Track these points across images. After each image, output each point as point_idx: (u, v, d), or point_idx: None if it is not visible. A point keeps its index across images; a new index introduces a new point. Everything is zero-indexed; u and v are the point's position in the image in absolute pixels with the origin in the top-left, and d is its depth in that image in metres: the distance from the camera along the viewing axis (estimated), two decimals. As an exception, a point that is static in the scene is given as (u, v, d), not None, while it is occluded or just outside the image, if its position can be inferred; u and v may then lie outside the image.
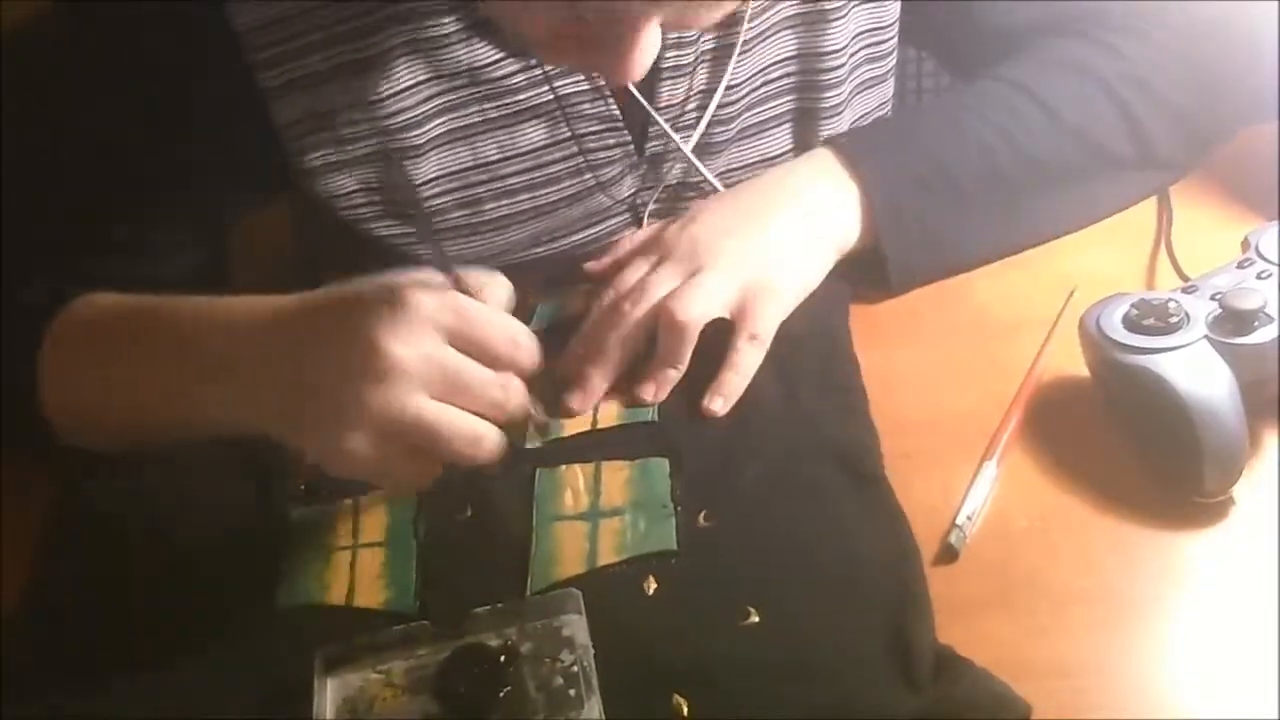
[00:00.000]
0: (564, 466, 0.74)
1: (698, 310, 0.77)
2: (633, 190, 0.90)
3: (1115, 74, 0.87)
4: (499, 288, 0.69)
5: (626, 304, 0.79)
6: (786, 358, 0.79)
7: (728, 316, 0.78)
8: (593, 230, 0.91)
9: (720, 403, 0.77)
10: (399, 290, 0.65)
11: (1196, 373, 0.67)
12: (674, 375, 0.78)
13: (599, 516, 0.71)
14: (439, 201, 0.86)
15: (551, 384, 0.78)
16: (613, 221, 0.91)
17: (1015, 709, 0.59)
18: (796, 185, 0.84)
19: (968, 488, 0.70)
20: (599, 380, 0.78)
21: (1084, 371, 0.75)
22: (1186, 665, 0.62)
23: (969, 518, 0.68)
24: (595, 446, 0.75)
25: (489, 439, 0.66)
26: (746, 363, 0.78)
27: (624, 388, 0.79)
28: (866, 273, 0.84)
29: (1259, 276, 0.71)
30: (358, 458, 0.63)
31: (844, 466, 0.71)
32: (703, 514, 0.70)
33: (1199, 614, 0.64)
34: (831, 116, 0.92)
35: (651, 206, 0.91)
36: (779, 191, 0.84)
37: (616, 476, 0.73)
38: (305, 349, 0.66)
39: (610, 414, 0.77)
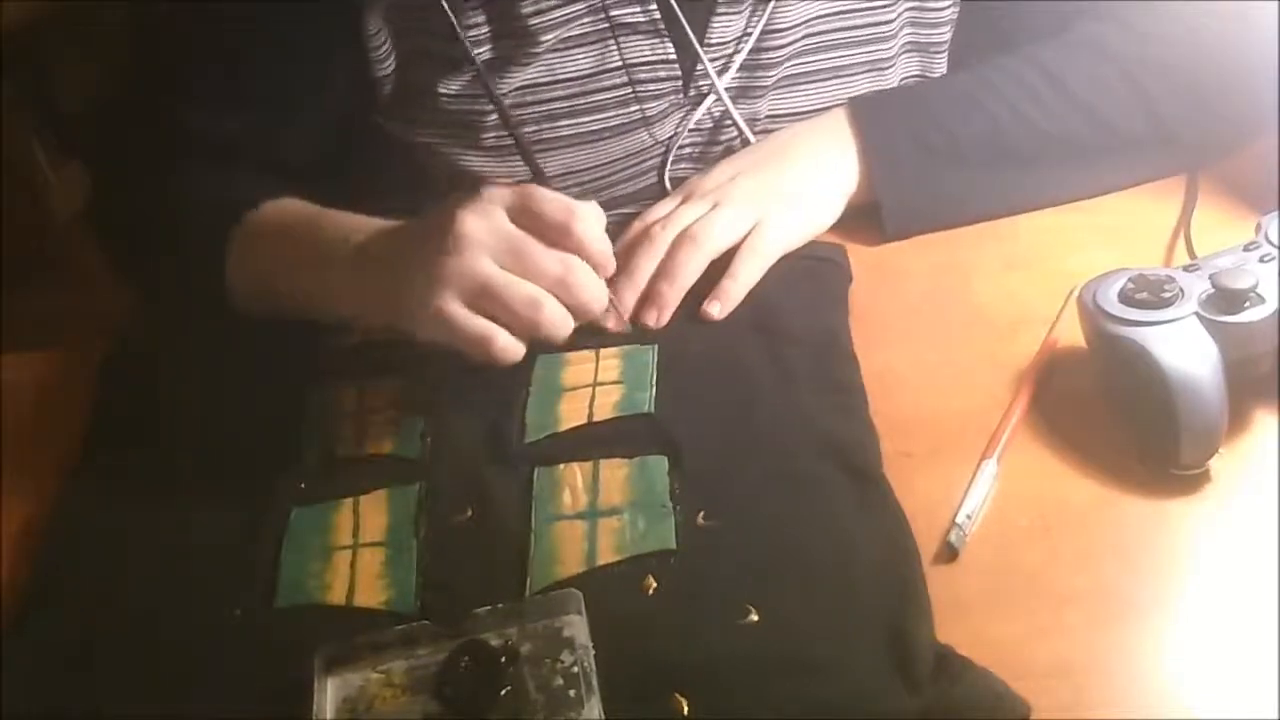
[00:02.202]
0: (562, 465, 0.74)
1: (715, 234, 0.84)
2: (673, 132, 0.93)
3: (1135, 56, 0.89)
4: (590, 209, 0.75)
5: (655, 228, 0.86)
6: (786, 356, 0.79)
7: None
8: (630, 170, 0.93)
9: (718, 307, 0.83)
10: (480, 187, 0.75)
11: (1181, 347, 0.68)
12: (673, 295, 0.82)
13: (597, 515, 0.71)
14: (481, 119, 0.89)
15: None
16: (649, 163, 0.94)
17: (1015, 709, 0.59)
18: (807, 137, 0.91)
19: (968, 486, 0.70)
20: (627, 294, 0.83)
21: (1085, 370, 0.75)
22: (1186, 664, 0.62)
23: (969, 516, 0.68)
24: (593, 443, 0.75)
25: (548, 307, 0.73)
26: (746, 271, 0.84)
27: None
28: (868, 221, 0.89)
29: (1261, 260, 0.72)
30: (444, 318, 0.73)
31: (843, 465, 0.71)
32: (701, 513, 0.70)
33: (1199, 613, 0.64)
34: (877, 71, 0.93)
35: (684, 147, 0.93)
36: (791, 143, 0.91)
37: (615, 475, 0.73)
38: (406, 241, 0.77)
39: (606, 406, 0.77)
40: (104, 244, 0.96)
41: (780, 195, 0.87)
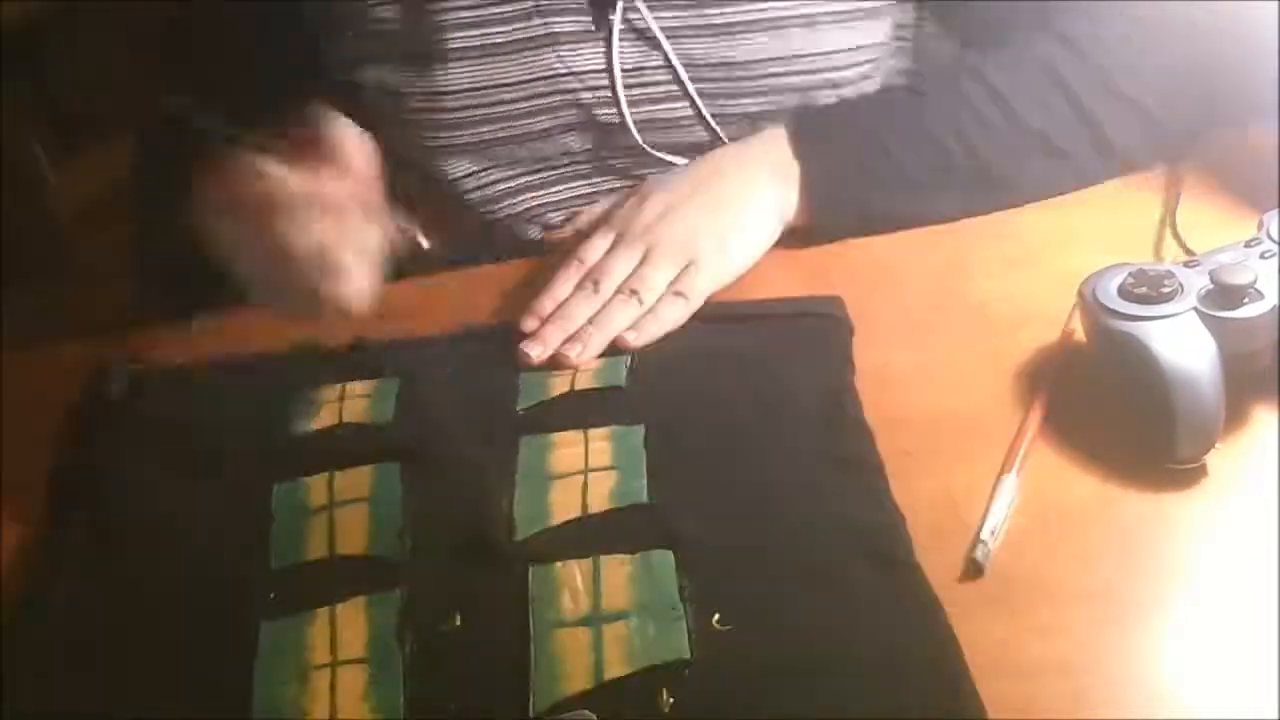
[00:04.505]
0: (559, 563, 0.66)
1: (647, 289, 0.83)
2: (591, 67, 0.91)
3: (1084, 81, 0.88)
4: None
5: (589, 284, 0.84)
6: (792, 433, 0.73)
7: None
8: (542, 100, 0.92)
9: (633, 335, 0.81)
10: None
11: (1179, 342, 0.69)
12: (598, 342, 0.81)
13: (602, 621, 0.64)
14: (384, 26, 0.90)
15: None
16: (568, 98, 0.92)
17: None
18: (745, 161, 0.89)
19: (988, 503, 0.68)
20: (556, 336, 0.82)
21: (1084, 369, 0.75)
22: (1187, 664, 0.62)
23: (992, 532, 0.66)
24: (590, 536, 0.68)
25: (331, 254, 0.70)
26: (667, 314, 0.83)
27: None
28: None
29: (1262, 256, 0.72)
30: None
31: (869, 553, 0.65)
32: (716, 615, 0.63)
33: (1199, 613, 0.64)
34: (804, 26, 0.90)
35: (630, 87, 0.91)
36: (729, 166, 0.89)
37: (617, 573, 0.66)
38: None
39: (601, 495, 0.70)
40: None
41: (712, 235, 0.85)
